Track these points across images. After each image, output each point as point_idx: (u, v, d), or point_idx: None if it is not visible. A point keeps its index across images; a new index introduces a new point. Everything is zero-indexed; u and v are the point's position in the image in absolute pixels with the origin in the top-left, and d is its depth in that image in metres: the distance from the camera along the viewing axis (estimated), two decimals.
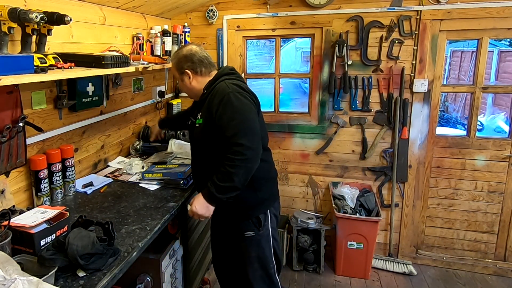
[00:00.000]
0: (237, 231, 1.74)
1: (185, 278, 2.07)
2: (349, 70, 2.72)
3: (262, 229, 1.72)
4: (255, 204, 1.71)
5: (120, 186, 1.98)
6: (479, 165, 2.68)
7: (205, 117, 1.64)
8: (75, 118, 1.95)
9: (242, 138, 1.47)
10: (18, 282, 0.87)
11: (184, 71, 1.70)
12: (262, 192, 1.71)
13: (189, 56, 1.70)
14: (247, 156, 1.46)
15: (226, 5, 2.88)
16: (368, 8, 2.63)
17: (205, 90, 1.68)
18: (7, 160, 1.50)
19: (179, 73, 1.72)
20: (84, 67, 1.58)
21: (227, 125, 1.51)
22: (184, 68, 1.70)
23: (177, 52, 1.76)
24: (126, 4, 2.19)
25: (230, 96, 1.54)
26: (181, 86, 1.77)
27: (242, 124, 1.50)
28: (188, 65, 1.69)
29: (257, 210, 1.71)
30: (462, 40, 6.81)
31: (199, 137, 1.69)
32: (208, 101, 1.63)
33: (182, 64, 1.70)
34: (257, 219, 1.71)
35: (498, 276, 2.72)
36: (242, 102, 1.56)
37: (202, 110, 1.67)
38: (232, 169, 1.46)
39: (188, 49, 1.72)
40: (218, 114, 1.55)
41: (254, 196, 1.69)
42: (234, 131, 1.49)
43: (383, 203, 2.86)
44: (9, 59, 1.21)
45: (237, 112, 1.52)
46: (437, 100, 2.68)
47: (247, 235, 1.72)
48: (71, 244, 1.16)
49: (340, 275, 2.76)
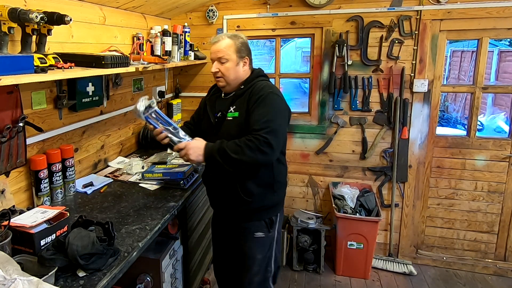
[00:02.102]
0: (246, 231, 1.71)
1: (185, 278, 2.07)
2: (349, 70, 2.72)
3: (272, 230, 1.71)
4: (271, 205, 1.70)
5: (120, 186, 1.98)
6: (479, 165, 2.68)
7: (241, 111, 1.62)
8: (75, 118, 1.95)
9: (268, 134, 1.46)
10: (18, 282, 0.87)
11: (244, 56, 1.67)
12: (278, 194, 1.72)
13: (247, 45, 1.71)
14: (266, 150, 1.45)
15: (226, 5, 2.88)
16: (368, 8, 2.63)
17: (242, 85, 1.67)
18: (7, 160, 1.50)
19: (238, 56, 1.65)
20: (84, 67, 1.58)
21: (258, 119, 1.51)
22: (245, 53, 1.67)
23: (236, 36, 1.67)
24: (126, 4, 2.19)
25: (270, 96, 1.57)
26: (230, 69, 1.64)
27: (273, 123, 1.50)
28: (248, 52, 1.70)
29: (272, 211, 1.71)
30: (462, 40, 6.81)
31: (232, 131, 1.63)
32: (246, 96, 1.62)
33: (244, 48, 1.67)
34: (270, 220, 1.70)
35: (498, 276, 2.72)
36: (279, 105, 1.58)
37: (238, 104, 1.64)
38: (247, 149, 1.45)
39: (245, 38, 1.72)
40: (253, 108, 1.56)
41: (272, 197, 1.68)
42: (262, 126, 1.48)
43: (383, 203, 2.86)
44: (9, 59, 1.21)
45: (272, 111, 1.53)
46: (437, 100, 2.68)
47: (257, 236, 1.69)
48: (71, 244, 1.16)
49: (340, 275, 2.76)
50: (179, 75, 3.14)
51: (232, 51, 1.64)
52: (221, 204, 1.78)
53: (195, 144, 1.55)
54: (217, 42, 1.65)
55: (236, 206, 1.67)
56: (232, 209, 1.70)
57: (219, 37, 1.66)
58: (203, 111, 1.83)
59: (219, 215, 1.88)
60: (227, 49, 1.63)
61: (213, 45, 1.67)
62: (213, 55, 1.67)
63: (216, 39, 1.66)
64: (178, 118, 3.12)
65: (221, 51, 1.63)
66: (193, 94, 3.14)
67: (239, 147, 1.46)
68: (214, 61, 1.67)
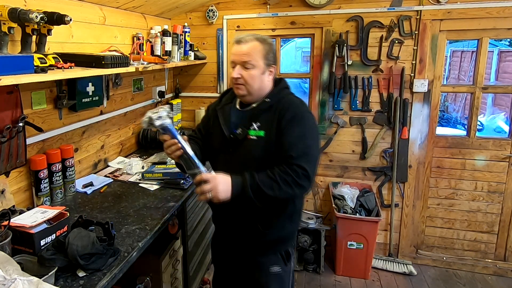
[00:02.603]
0: (260, 265, 1.49)
1: (185, 278, 2.07)
2: (349, 70, 2.72)
3: (288, 264, 1.52)
4: (289, 236, 1.51)
5: (120, 186, 1.98)
6: (479, 165, 2.68)
7: (268, 130, 1.37)
8: (75, 118, 1.95)
9: (307, 163, 1.27)
10: (18, 282, 0.87)
11: (271, 64, 1.43)
12: (296, 224, 1.54)
13: (275, 52, 1.48)
14: (302, 183, 1.26)
15: (226, 5, 2.88)
16: (368, 8, 2.63)
17: (268, 98, 1.42)
18: (7, 160, 1.50)
19: (265, 64, 1.40)
20: (84, 67, 1.58)
21: (294, 143, 1.31)
22: (272, 61, 1.44)
23: (265, 39, 1.43)
24: (126, 4, 2.19)
25: (306, 116, 1.38)
26: (255, 77, 1.39)
27: (310, 149, 1.32)
28: (274, 60, 1.46)
29: (289, 242, 1.52)
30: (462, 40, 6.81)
31: (255, 152, 1.38)
32: (274, 112, 1.38)
33: (272, 55, 1.44)
34: (286, 253, 1.51)
35: (498, 276, 2.72)
36: (315, 126, 1.41)
37: (263, 120, 1.39)
38: (284, 185, 1.25)
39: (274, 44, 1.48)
40: (287, 128, 1.34)
41: (290, 228, 1.49)
42: (300, 152, 1.29)
43: (383, 203, 2.86)
44: (9, 59, 1.21)
45: (309, 135, 1.35)
46: (437, 100, 2.68)
47: (273, 271, 1.48)
48: (71, 244, 1.16)
49: (340, 275, 2.76)
50: (179, 75, 3.14)
51: (260, 57, 1.39)
52: (231, 231, 1.53)
53: (224, 179, 1.26)
54: (243, 44, 1.40)
55: (250, 236, 1.45)
56: (244, 240, 1.48)
57: (246, 38, 1.41)
58: (213, 123, 1.52)
59: (226, 240, 1.60)
60: (254, 54, 1.39)
61: (237, 46, 1.41)
62: (236, 58, 1.41)
63: (243, 40, 1.41)
64: (178, 118, 3.12)
65: (247, 54, 1.38)
66: (193, 94, 3.14)
67: (275, 182, 1.25)
68: (236, 64, 1.41)
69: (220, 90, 3.04)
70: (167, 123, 1.27)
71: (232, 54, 1.44)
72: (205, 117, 1.64)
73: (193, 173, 1.27)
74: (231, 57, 1.45)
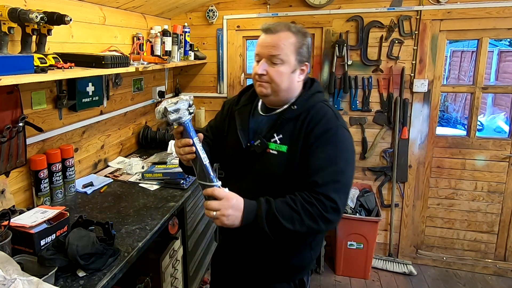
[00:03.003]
0: None
1: (185, 278, 2.07)
2: (349, 70, 2.72)
3: None
4: (305, 265, 1.28)
5: (120, 186, 1.98)
6: (479, 165, 2.68)
7: (291, 146, 1.14)
8: (75, 118, 1.95)
9: (337, 193, 1.04)
10: (18, 282, 0.87)
11: (304, 61, 1.18)
12: (316, 252, 1.30)
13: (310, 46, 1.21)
14: (330, 217, 1.03)
15: (226, 5, 2.88)
16: (368, 8, 2.63)
17: (295, 104, 1.18)
18: (7, 160, 1.50)
19: (297, 60, 1.15)
20: (84, 67, 1.58)
21: (322, 168, 1.06)
22: (306, 58, 1.18)
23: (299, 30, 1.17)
24: (126, 4, 2.19)
25: (340, 133, 1.12)
26: (283, 75, 1.14)
27: (342, 176, 1.08)
28: (308, 57, 1.20)
29: (305, 271, 1.30)
30: (462, 40, 6.81)
31: (274, 169, 1.15)
32: (301, 124, 1.14)
33: (306, 50, 1.18)
34: (301, 282, 1.30)
35: (498, 276, 2.72)
36: (350, 146, 1.15)
37: (286, 131, 1.16)
38: (307, 218, 1.01)
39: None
40: (315, 146, 1.10)
41: (308, 255, 1.26)
42: (329, 179, 1.05)
43: (383, 203, 2.86)
44: (9, 59, 1.21)
45: (342, 158, 1.10)
46: (437, 100, 2.68)
47: None
48: (71, 244, 1.16)
49: (340, 275, 2.76)
50: (179, 75, 3.14)
51: (292, 51, 1.14)
52: (239, 248, 1.31)
53: (237, 203, 1.02)
54: (272, 33, 1.14)
55: (261, 260, 1.25)
56: (253, 262, 1.27)
57: (276, 27, 1.14)
58: (229, 126, 1.31)
59: (231, 258, 1.37)
60: (286, 46, 1.13)
61: (265, 36, 1.16)
62: (262, 50, 1.15)
63: (272, 28, 1.14)
64: None
65: (277, 47, 1.12)
66: (193, 94, 3.13)
67: (296, 213, 1.01)
68: (261, 58, 1.16)
69: (220, 90, 3.04)
70: (184, 120, 1.04)
71: (258, 46, 1.17)
72: (219, 114, 1.39)
73: (203, 184, 1.05)
74: (256, 49, 1.18)
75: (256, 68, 1.17)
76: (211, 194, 1.01)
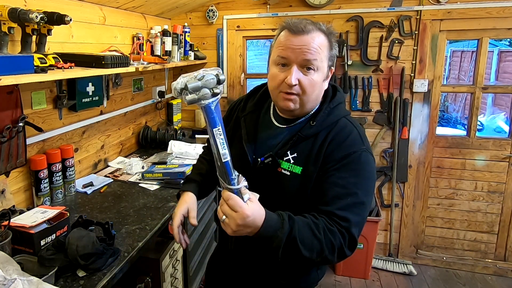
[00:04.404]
0: None
1: (185, 278, 2.07)
2: (349, 70, 2.72)
3: None
4: (312, 285, 1.18)
5: (120, 186, 1.98)
6: (479, 165, 2.68)
7: (306, 167, 0.99)
8: (75, 118, 1.95)
9: (356, 228, 0.92)
10: (18, 282, 0.87)
11: (331, 66, 1.04)
12: (322, 271, 1.19)
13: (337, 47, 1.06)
14: (347, 253, 0.92)
15: (226, 5, 2.88)
16: (368, 8, 2.63)
17: (313, 120, 1.01)
18: (7, 160, 1.50)
19: (328, 65, 1.01)
20: (84, 67, 1.58)
21: (341, 197, 0.92)
22: (332, 62, 1.03)
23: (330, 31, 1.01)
24: (126, 4, 2.19)
25: (364, 157, 0.97)
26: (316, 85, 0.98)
27: (364, 208, 0.95)
28: (334, 61, 1.05)
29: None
30: (462, 40, 6.81)
31: (286, 190, 1.02)
32: (321, 145, 0.99)
33: (335, 53, 1.03)
34: None
35: (498, 276, 2.72)
36: (372, 174, 0.99)
37: (301, 150, 1.01)
38: (327, 249, 0.88)
39: None
40: (334, 171, 0.95)
41: (315, 275, 1.16)
42: (347, 210, 0.91)
43: (383, 203, 2.86)
44: (9, 59, 1.21)
45: (365, 187, 0.95)
46: (437, 100, 2.68)
47: None
48: (71, 244, 1.16)
49: (340, 275, 2.76)
50: (179, 75, 3.13)
51: (326, 56, 0.98)
52: (238, 256, 1.17)
53: (253, 221, 0.82)
54: (304, 33, 0.95)
55: (263, 279, 1.13)
56: (254, 273, 1.15)
57: (306, 26, 0.95)
58: (234, 133, 1.16)
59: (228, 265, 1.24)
60: (321, 50, 0.96)
61: (293, 36, 0.96)
62: (292, 54, 0.95)
63: (303, 27, 0.95)
64: (178, 118, 3.12)
65: (312, 50, 0.94)
66: None
67: (318, 240, 0.87)
68: (290, 63, 0.96)
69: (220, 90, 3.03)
70: (205, 103, 0.81)
71: (283, 47, 0.96)
72: (225, 119, 1.19)
73: (222, 183, 0.87)
74: (281, 51, 0.97)
75: (281, 76, 0.96)
76: (227, 198, 0.84)
